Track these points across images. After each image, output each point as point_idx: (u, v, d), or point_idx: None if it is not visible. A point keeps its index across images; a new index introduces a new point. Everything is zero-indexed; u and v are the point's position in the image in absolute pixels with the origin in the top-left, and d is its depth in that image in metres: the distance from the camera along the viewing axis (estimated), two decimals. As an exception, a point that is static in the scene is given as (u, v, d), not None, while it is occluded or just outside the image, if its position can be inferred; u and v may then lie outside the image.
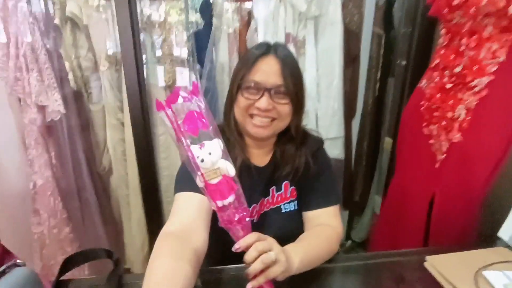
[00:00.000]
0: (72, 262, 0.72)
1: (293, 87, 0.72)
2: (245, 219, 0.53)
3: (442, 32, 0.91)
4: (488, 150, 0.83)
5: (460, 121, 0.85)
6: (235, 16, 1.45)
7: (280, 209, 0.82)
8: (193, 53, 1.47)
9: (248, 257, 0.51)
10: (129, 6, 1.16)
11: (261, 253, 0.51)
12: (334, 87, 1.54)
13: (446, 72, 0.88)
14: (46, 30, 1.25)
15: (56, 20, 1.25)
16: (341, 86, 1.56)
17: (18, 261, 0.57)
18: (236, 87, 0.74)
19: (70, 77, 1.32)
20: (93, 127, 1.45)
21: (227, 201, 0.52)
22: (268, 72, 0.71)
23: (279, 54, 0.73)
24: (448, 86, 0.87)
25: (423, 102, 0.98)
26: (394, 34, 1.70)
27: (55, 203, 1.41)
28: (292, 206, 0.83)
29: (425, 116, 0.96)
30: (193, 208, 0.66)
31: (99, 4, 1.24)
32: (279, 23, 1.41)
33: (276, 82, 0.71)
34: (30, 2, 1.21)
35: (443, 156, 0.91)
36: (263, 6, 1.42)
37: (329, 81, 1.54)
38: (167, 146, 1.48)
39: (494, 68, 0.79)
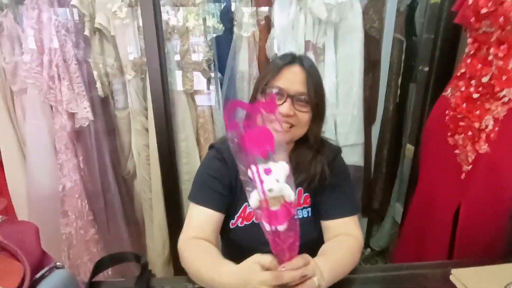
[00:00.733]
0: (103, 264, 0.75)
1: (315, 96, 0.75)
2: (295, 243, 0.54)
3: (469, 41, 0.90)
4: (517, 162, 0.81)
5: (488, 132, 0.83)
6: (254, 22, 1.48)
7: None
8: (214, 60, 1.51)
9: (286, 280, 0.53)
10: (154, 15, 1.20)
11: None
12: (354, 93, 1.54)
13: (472, 81, 0.87)
14: (77, 41, 1.32)
15: (86, 31, 1.31)
16: (361, 93, 1.56)
17: (57, 263, 0.60)
18: (259, 92, 0.77)
19: (98, 85, 1.37)
20: (118, 132, 1.50)
21: (281, 227, 0.51)
22: (292, 80, 0.74)
23: (304, 64, 0.77)
24: (475, 96, 0.85)
25: (448, 112, 0.96)
26: (416, 40, 1.68)
27: (82, 205, 1.47)
28: (305, 213, 0.84)
29: (450, 126, 0.95)
30: (207, 225, 0.77)
31: (126, 16, 1.30)
32: (299, 31, 1.43)
33: (299, 90, 0.74)
34: (62, 15, 1.29)
35: (469, 167, 0.89)
36: (283, 14, 1.44)
37: (348, 88, 1.54)
38: (188, 151, 1.52)
39: (524, 79, 0.77)
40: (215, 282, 0.63)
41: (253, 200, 0.52)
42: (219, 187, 0.80)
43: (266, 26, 1.51)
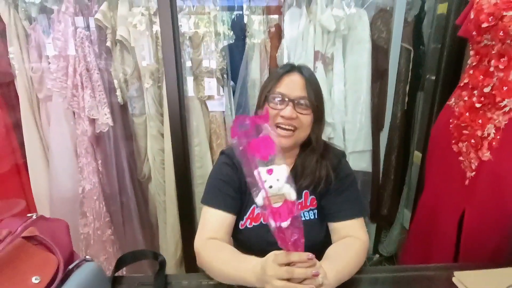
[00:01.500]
0: (124, 261, 0.81)
1: (314, 99, 0.82)
2: (300, 240, 0.59)
3: (471, 53, 0.93)
4: (520, 169, 0.84)
5: (490, 140, 0.87)
6: (264, 29, 1.55)
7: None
8: (227, 69, 1.58)
9: (296, 275, 0.58)
10: (172, 26, 1.27)
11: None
12: (362, 102, 1.58)
13: (475, 91, 0.91)
14: (99, 52, 1.41)
15: (108, 43, 1.39)
16: (369, 101, 1.60)
17: (87, 257, 0.66)
18: (263, 99, 0.84)
19: (118, 92, 1.45)
20: (135, 137, 1.57)
21: (285, 223, 0.57)
22: (292, 86, 0.81)
23: (303, 72, 0.84)
24: (478, 105, 0.89)
25: (452, 120, 1.00)
26: (424, 50, 1.71)
27: (100, 207, 1.54)
28: (312, 215, 0.88)
29: (454, 134, 0.98)
30: (220, 227, 0.83)
31: (145, 28, 1.38)
32: (308, 42, 1.48)
33: (299, 94, 0.81)
34: (86, 27, 1.38)
35: (473, 173, 0.92)
36: (293, 26, 1.50)
37: (357, 96, 1.59)
38: (201, 156, 1.58)
39: (525, 89, 0.80)
40: (236, 276, 0.69)
41: (259, 199, 0.58)
42: (230, 190, 0.86)
43: (276, 35, 1.57)
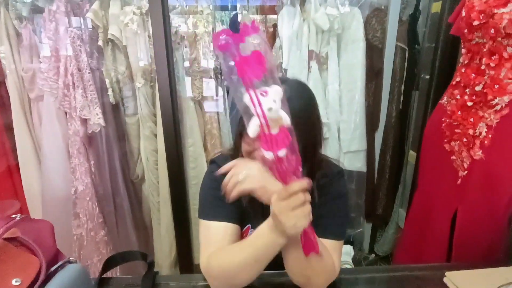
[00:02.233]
0: (112, 262, 0.80)
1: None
2: (299, 168, 0.54)
3: (463, 51, 0.93)
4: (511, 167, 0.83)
5: (482, 139, 0.86)
6: (262, 30, 1.54)
7: None
8: (222, 68, 1.57)
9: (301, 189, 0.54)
10: (164, 25, 1.26)
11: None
12: (356, 101, 1.58)
13: (467, 90, 0.90)
14: (91, 51, 1.40)
15: (99, 42, 1.38)
16: (363, 101, 1.59)
17: (70, 258, 0.65)
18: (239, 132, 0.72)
19: (110, 92, 1.44)
20: (128, 138, 1.56)
21: (282, 152, 0.51)
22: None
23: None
24: (469, 104, 0.88)
25: (444, 119, 0.99)
26: (419, 48, 1.71)
27: (93, 207, 1.53)
28: None
29: (446, 133, 0.98)
30: (225, 238, 0.72)
31: (137, 27, 1.36)
32: (303, 41, 1.48)
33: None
34: (78, 26, 1.36)
35: (465, 172, 0.92)
36: (287, 25, 1.49)
37: (351, 96, 1.58)
38: (195, 157, 1.57)
39: (516, 87, 0.79)
40: (258, 249, 0.62)
41: (253, 127, 0.50)
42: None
43: (272, 35, 1.56)
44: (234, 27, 1.62)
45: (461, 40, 0.94)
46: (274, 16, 1.56)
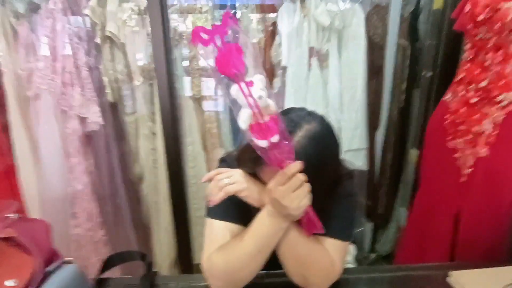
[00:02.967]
0: (111, 262, 0.78)
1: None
2: (292, 152, 0.55)
3: (467, 46, 0.91)
4: (517, 165, 0.82)
5: (487, 136, 0.84)
6: (261, 29, 1.52)
7: None
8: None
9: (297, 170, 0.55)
10: (162, 22, 1.25)
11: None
12: (357, 99, 1.56)
13: (471, 86, 0.88)
14: (89, 49, 1.38)
15: (97, 39, 1.36)
16: (364, 99, 1.58)
17: (67, 258, 0.64)
18: None
19: (108, 90, 1.42)
20: (127, 137, 1.55)
21: (275, 138, 0.52)
22: None
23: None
24: (473, 100, 0.87)
25: (447, 116, 0.98)
26: (420, 46, 1.69)
27: (92, 207, 1.51)
28: None
29: (449, 130, 0.96)
30: (229, 238, 0.70)
31: (135, 24, 1.35)
32: (303, 38, 1.46)
33: None
34: (75, 24, 1.35)
35: (469, 170, 0.90)
36: (287, 21, 1.47)
37: (352, 94, 1.56)
38: (195, 156, 1.56)
39: (522, 83, 0.78)
40: (261, 237, 0.63)
41: (244, 117, 0.51)
42: (235, 199, 0.71)
43: (272, 32, 1.54)
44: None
45: (465, 35, 0.93)
46: (273, 14, 1.54)
